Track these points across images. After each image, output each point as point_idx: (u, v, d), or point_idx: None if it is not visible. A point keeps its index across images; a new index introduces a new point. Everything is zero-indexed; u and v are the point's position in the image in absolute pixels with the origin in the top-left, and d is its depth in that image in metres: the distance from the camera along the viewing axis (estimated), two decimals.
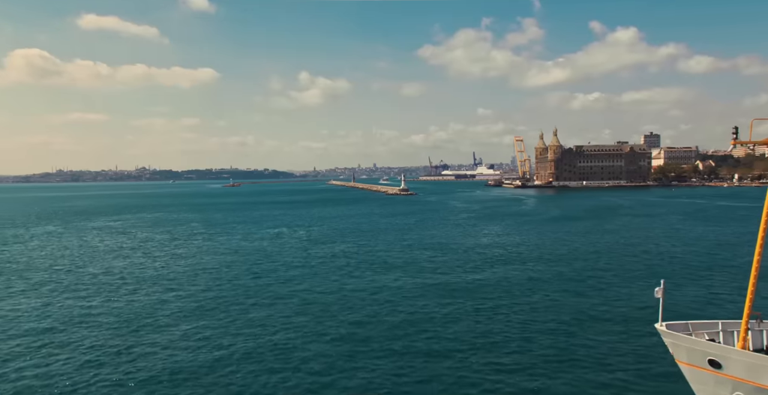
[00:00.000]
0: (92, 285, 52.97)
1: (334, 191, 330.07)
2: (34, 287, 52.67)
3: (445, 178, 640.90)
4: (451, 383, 26.73)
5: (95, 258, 70.66)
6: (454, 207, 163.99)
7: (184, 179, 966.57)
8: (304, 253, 72.33)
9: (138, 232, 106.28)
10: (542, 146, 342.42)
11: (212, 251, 75.71)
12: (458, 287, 48.85)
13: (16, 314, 41.94)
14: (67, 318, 40.25)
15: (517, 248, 73.21)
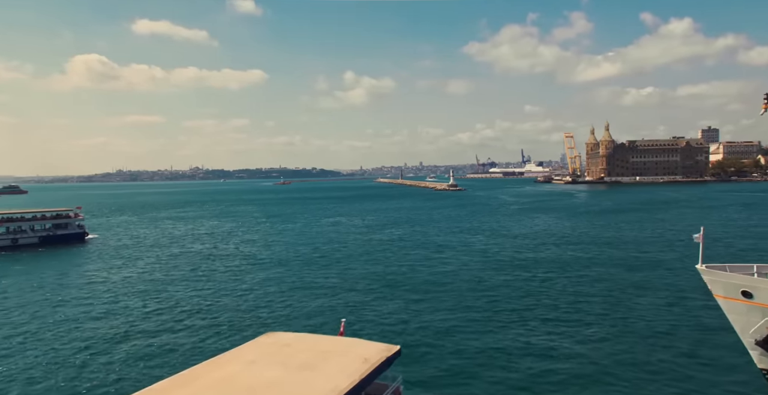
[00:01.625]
0: (194, 258, 59.58)
1: (383, 188, 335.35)
2: (161, 261, 59.70)
3: (492, 175, 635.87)
4: (518, 331, 30.72)
5: (181, 240, 78.00)
6: (505, 201, 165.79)
7: (235, 178, 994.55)
8: (366, 237, 77.17)
9: (213, 221, 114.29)
10: (593, 142, 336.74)
11: (282, 236, 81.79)
12: (514, 264, 52.45)
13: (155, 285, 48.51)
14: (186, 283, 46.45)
15: (570, 233, 75.67)
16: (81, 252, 66.89)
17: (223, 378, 13.50)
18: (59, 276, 50.64)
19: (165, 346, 29.16)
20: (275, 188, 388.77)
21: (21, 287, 46.04)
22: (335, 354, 14.93)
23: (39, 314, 36.75)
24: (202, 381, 13.44)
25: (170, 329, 32.41)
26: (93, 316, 35.88)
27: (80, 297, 41.91)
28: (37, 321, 35.00)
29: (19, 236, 71.82)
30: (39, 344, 30.18)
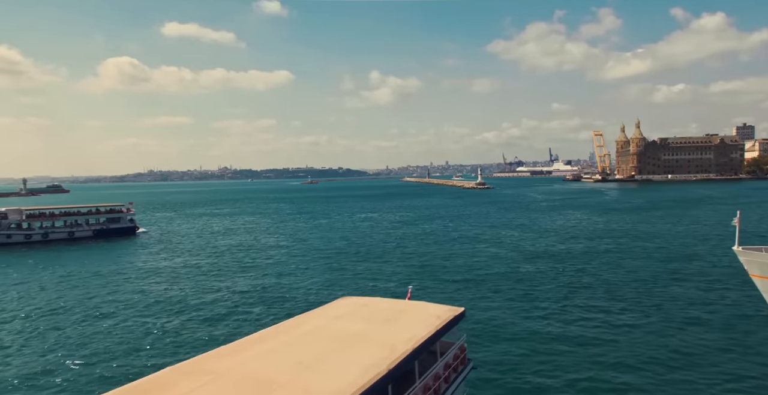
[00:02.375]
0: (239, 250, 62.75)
1: (410, 187, 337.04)
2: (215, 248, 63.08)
3: (519, 174, 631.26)
4: (557, 308, 32.56)
5: (223, 233, 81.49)
6: (534, 198, 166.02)
7: (263, 178, 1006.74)
8: (399, 231, 79.36)
9: (249, 217, 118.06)
10: (624, 139, 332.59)
11: (318, 230, 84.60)
12: (548, 255, 53.99)
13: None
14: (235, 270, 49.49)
15: (603, 227, 76.52)
16: (134, 244, 70.78)
17: (315, 329, 15.78)
18: (118, 264, 54.17)
19: (228, 317, 31.82)
20: (303, 187, 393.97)
21: (83, 274, 49.55)
22: (409, 312, 17.13)
23: (105, 296, 39.96)
24: (295, 331, 15.72)
25: (231, 303, 35.12)
26: (156, 294, 38.91)
27: (140, 280, 45.14)
28: (105, 301, 38.16)
29: (76, 229, 76.24)
30: (115, 319, 33.18)
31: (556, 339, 27.22)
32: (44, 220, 75.14)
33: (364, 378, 11.57)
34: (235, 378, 12.02)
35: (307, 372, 12.21)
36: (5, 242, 71.38)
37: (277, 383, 11.53)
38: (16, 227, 73.12)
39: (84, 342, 28.76)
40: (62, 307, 36.77)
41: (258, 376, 12.00)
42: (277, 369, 12.45)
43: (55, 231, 74.63)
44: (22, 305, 37.76)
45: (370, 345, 14.03)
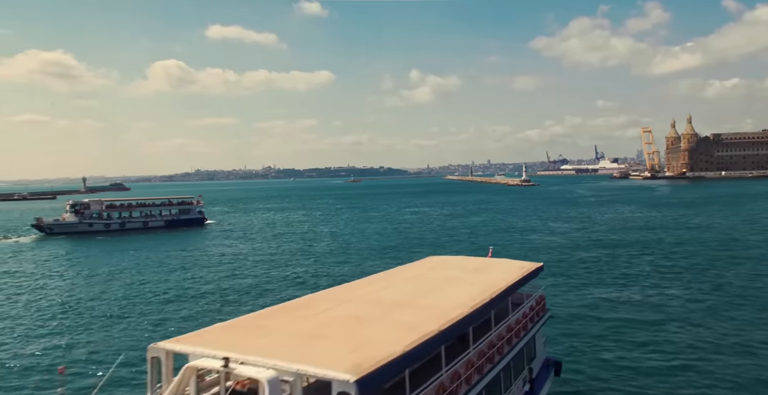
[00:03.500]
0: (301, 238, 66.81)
1: (453, 184, 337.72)
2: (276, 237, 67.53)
3: (564, 172, 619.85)
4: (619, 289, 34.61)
5: (282, 224, 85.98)
6: (581, 194, 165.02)
7: (305, 177, 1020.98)
8: (449, 223, 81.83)
9: (301, 211, 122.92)
10: (674, 135, 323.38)
11: (369, 222, 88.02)
12: (602, 244, 55.52)
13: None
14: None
15: (658, 220, 76.87)
16: (204, 233, 76.00)
17: (416, 274, 18.62)
18: (197, 249, 58.95)
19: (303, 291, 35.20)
20: (347, 185, 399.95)
21: (160, 258, 54.27)
22: (494, 265, 19.86)
23: (184, 276, 44.21)
24: (399, 275, 18.62)
25: (303, 279, 38.57)
26: (233, 274, 42.86)
27: (213, 263, 49.37)
28: (191, 278, 42.35)
29: (150, 219, 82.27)
30: (192, 298, 37.14)
31: (618, 311, 29.45)
32: (122, 210, 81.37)
33: (474, 301, 14.30)
34: (366, 301, 14.92)
35: (425, 297, 15.10)
36: (87, 230, 77.72)
37: (403, 304, 14.39)
38: (98, 217, 79.46)
39: (176, 310, 32.71)
40: (149, 283, 41.16)
41: (384, 300, 14.90)
42: (398, 296, 15.35)
43: (131, 221, 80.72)
44: (111, 283, 42.37)
45: (468, 284, 16.78)
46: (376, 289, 16.37)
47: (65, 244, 67.22)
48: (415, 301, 14.69)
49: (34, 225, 77.54)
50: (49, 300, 36.08)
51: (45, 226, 76.66)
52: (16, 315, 32.20)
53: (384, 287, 16.59)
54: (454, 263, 20.82)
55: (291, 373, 9.61)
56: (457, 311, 13.35)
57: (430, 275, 18.65)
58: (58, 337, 27.33)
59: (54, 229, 76.53)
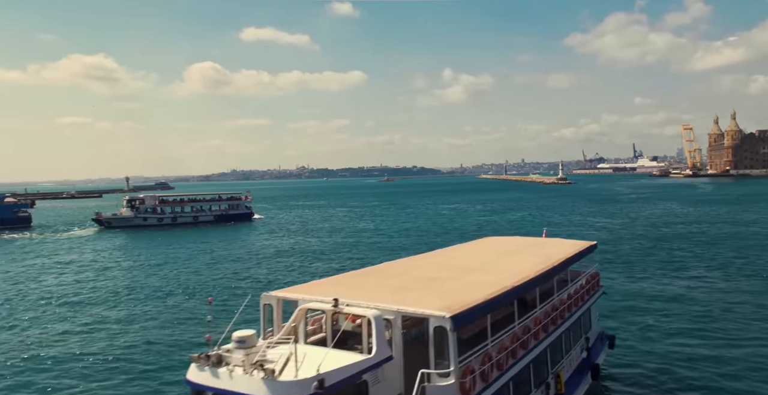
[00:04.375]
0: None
1: (488, 183, 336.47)
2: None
3: (601, 171, 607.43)
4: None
5: (324, 219, 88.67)
6: (620, 191, 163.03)
7: (338, 177, 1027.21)
8: (489, 218, 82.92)
9: (341, 208, 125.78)
10: (717, 132, 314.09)
11: (409, 216, 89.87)
12: (648, 237, 55.98)
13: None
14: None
15: (704, 214, 76.26)
16: (253, 227, 79.41)
17: (477, 249, 20.29)
18: (249, 241, 61.98)
19: None
20: (381, 184, 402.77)
21: (213, 249, 57.28)
22: (550, 242, 21.42)
23: (245, 265, 46.88)
24: (460, 249, 20.38)
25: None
26: (281, 262, 45.28)
27: (269, 253, 51.99)
28: (247, 268, 44.98)
29: (199, 214, 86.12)
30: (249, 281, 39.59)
31: (668, 295, 30.53)
32: (174, 205, 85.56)
33: (537, 267, 15.91)
34: (438, 267, 16.65)
35: (491, 264, 16.81)
36: (141, 224, 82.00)
37: (473, 269, 16.10)
38: (151, 211, 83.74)
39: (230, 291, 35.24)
40: (210, 269, 43.95)
41: (454, 266, 16.62)
42: (466, 263, 17.07)
43: (182, 215, 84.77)
44: (167, 271, 45.34)
45: (528, 255, 18.38)
46: (442, 259, 18.16)
47: (122, 236, 71.37)
48: (483, 267, 16.43)
49: (94, 219, 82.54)
50: (130, 280, 39.26)
51: (104, 220, 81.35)
52: (114, 290, 35.34)
53: (450, 258, 18.37)
54: (511, 240, 22.48)
55: (392, 312, 11.49)
56: (525, 273, 15.03)
57: (491, 249, 20.35)
58: (152, 305, 30.16)
59: (111, 223, 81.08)
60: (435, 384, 10.81)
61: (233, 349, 10.10)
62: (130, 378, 20.40)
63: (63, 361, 22.55)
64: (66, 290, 37.17)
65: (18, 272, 45.04)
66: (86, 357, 22.80)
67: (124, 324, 27.92)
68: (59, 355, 23.30)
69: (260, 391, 9.18)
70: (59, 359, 22.82)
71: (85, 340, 25.32)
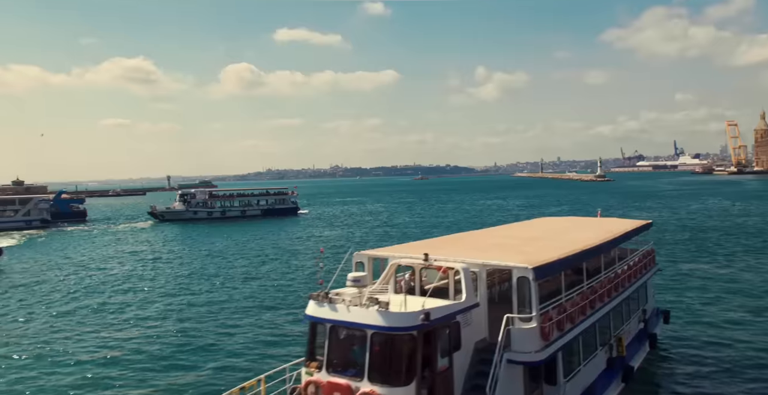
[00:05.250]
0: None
1: (523, 181, 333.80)
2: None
3: (640, 169, 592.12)
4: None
5: (369, 213, 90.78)
6: (662, 188, 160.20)
7: (372, 176, 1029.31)
8: (531, 212, 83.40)
9: (379, 203, 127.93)
10: (764, 128, 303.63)
11: (450, 210, 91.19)
12: (686, 229, 55.92)
13: None
14: None
15: (747, 209, 75.16)
16: (298, 221, 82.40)
17: (536, 225, 21.72)
18: (298, 233, 64.48)
19: None
20: (415, 182, 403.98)
21: (262, 242, 59.86)
22: (605, 221, 22.68)
23: (284, 257, 49.13)
24: (519, 227, 21.83)
25: None
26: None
27: (318, 244, 54.25)
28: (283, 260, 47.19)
29: (247, 208, 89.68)
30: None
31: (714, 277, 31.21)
32: (223, 200, 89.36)
33: (600, 237, 17.19)
34: (502, 236, 18.11)
35: (558, 234, 18.23)
36: (192, 218, 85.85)
37: (537, 238, 17.51)
38: (202, 205, 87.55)
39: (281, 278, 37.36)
40: (263, 258, 46.32)
41: (519, 236, 18.07)
42: (529, 235, 18.49)
43: (231, 209, 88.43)
44: (222, 262, 47.90)
45: (587, 229, 19.70)
46: (507, 232, 19.64)
47: (176, 228, 75.08)
48: (548, 236, 17.87)
49: (150, 213, 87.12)
50: (186, 265, 42.00)
51: (158, 213, 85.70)
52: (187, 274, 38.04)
53: (513, 231, 19.84)
54: (567, 219, 23.85)
55: (477, 265, 13.09)
56: (590, 241, 16.38)
57: (550, 224, 21.79)
58: (221, 282, 32.59)
59: (165, 216, 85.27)
60: (519, 326, 12.35)
61: (348, 287, 11.89)
62: (228, 354, 21.75)
63: (172, 332, 25.03)
64: (148, 274, 40.36)
65: (90, 259, 48.65)
66: (194, 334, 25.14)
67: (225, 304, 30.29)
68: (169, 326, 25.89)
69: (376, 320, 10.92)
70: (166, 329, 25.40)
71: (192, 318, 27.68)
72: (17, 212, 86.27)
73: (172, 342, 23.20)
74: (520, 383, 12.44)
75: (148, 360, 21.02)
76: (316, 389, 11.43)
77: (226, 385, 15.50)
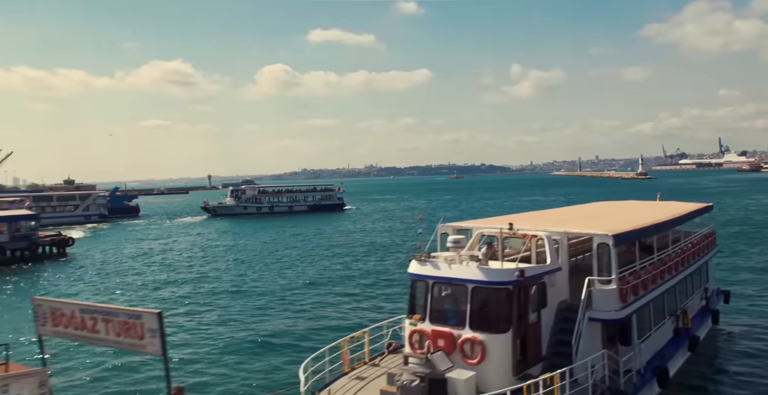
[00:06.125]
0: None
1: (562, 179, 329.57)
2: None
3: (683, 167, 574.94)
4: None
5: (408, 209, 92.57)
6: (707, 185, 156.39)
7: (406, 175, 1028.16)
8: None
9: (420, 200, 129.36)
10: None
11: (491, 206, 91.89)
12: (744, 222, 55.46)
13: None
14: None
15: None
16: (343, 216, 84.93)
17: (597, 206, 22.83)
18: (347, 226, 66.71)
19: None
20: (451, 181, 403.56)
21: (325, 231, 62.20)
22: (665, 203, 23.61)
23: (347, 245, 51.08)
24: (579, 208, 22.91)
25: None
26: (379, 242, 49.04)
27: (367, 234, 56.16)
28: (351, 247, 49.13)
29: (294, 204, 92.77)
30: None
31: None
32: (272, 196, 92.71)
33: (665, 215, 18.26)
34: (577, 214, 19.31)
35: (623, 213, 19.39)
36: (242, 213, 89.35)
37: (604, 216, 18.72)
38: (252, 201, 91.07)
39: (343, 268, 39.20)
40: (315, 248, 48.42)
41: (585, 215, 19.29)
42: (594, 213, 19.67)
43: (279, 205, 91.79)
44: (279, 251, 50.17)
45: (651, 209, 20.76)
46: (572, 212, 20.84)
47: (231, 222, 78.47)
48: (615, 214, 19.06)
49: (203, 208, 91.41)
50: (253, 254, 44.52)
51: (210, 208, 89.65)
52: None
53: (578, 211, 21.05)
54: (626, 202, 24.83)
55: (559, 233, 14.48)
56: (658, 217, 17.50)
57: (613, 206, 22.93)
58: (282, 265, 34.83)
59: (217, 211, 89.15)
60: (600, 288, 13.67)
61: (450, 248, 13.43)
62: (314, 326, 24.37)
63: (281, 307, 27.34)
64: (241, 257, 43.87)
65: (161, 245, 52.35)
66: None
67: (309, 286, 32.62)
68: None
69: (476, 276, 12.46)
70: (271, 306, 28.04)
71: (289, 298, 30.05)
72: (77, 207, 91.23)
73: (288, 308, 27.12)
74: (598, 339, 13.78)
75: (270, 319, 24.85)
76: (420, 337, 13.03)
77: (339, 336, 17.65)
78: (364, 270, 36.10)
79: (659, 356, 16.01)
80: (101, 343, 10.90)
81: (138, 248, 51.93)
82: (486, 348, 12.10)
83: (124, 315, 9.98)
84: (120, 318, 9.97)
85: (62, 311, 10.88)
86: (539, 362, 12.96)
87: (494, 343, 12.13)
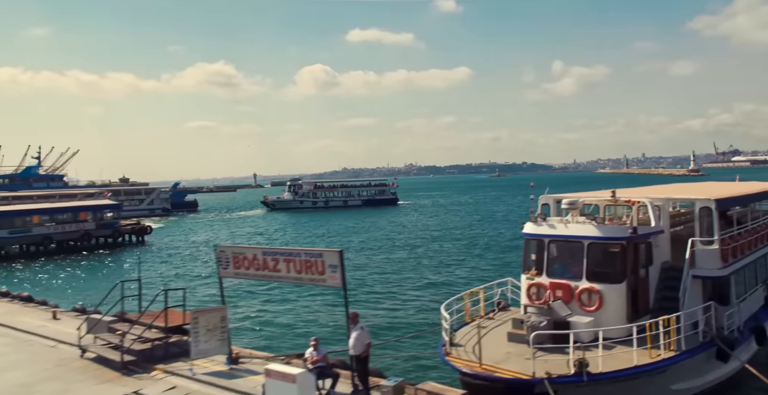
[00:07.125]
0: None
1: (608, 177, 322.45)
2: None
3: (736, 164, 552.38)
4: None
5: (456, 204, 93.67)
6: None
7: (446, 174, 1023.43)
8: None
9: (464, 196, 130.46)
10: None
11: None
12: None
13: None
14: None
15: None
16: (401, 209, 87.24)
17: (672, 186, 23.71)
18: (403, 219, 68.70)
19: None
20: (493, 179, 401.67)
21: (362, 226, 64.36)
22: (749, 183, 24.33)
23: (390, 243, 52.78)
24: (675, 186, 23.87)
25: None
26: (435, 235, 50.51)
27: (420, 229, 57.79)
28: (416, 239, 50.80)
29: (348, 199, 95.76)
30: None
31: None
32: (327, 191, 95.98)
33: (753, 189, 19.19)
34: (664, 190, 20.36)
35: (711, 187, 20.41)
36: (299, 207, 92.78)
37: (696, 188, 19.72)
38: (308, 195, 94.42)
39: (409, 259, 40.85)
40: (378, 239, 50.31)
41: (679, 188, 20.33)
42: (686, 188, 20.67)
43: (334, 199, 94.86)
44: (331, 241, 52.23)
45: (736, 186, 21.61)
46: (658, 187, 21.85)
47: (290, 215, 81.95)
48: (709, 187, 20.04)
49: (262, 202, 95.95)
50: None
51: (269, 202, 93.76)
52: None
53: (665, 186, 22.05)
54: (711, 182, 25.63)
55: (661, 200, 15.68)
56: (751, 188, 18.47)
57: (698, 184, 23.80)
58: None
59: (276, 205, 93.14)
60: (703, 248, 14.86)
61: (564, 209, 14.83)
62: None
63: None
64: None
65: (225, 237, 54.95)
66: None
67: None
68: None
69: (593, 232, 13.88)
70: None
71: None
72: (142, 201, 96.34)
73: (412, 276, 31.82)
74: (700, 296, 14.95)
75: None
76: (538, 289, 14.52)
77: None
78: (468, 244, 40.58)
79: (754, 318, 16.99)
80: (281, 280, 12.88)
81: (207, 236, 55.26)
82: (603, 297, 13.49)
83: (306, 254, 11.88)
84: (302, 257, 11.88)
85: (245, 255, 12.92)
86: (647, 314, 14.26)
87: (610, 292, 13.52)
